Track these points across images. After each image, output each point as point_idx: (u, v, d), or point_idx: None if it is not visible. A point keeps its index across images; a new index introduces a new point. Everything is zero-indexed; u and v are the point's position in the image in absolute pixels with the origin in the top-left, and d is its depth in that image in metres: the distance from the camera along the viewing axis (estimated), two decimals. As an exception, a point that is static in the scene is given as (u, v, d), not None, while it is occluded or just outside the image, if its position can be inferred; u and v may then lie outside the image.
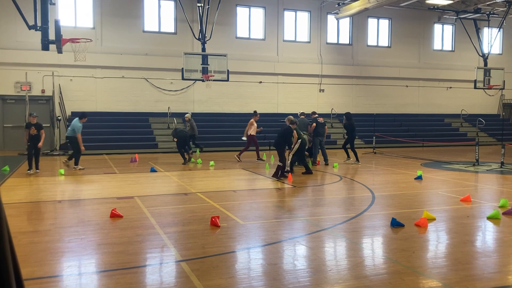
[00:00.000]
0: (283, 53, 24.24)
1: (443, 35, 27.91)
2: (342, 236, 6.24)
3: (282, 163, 11.64)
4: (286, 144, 12.09)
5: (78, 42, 13.67)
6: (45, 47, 12.38)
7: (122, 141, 19.36)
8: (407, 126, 25.39)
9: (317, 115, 15.40)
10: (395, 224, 6.64)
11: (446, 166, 14.64)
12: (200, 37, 19.35)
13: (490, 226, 6.90)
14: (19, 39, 19.57)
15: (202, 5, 19.13)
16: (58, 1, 19.55)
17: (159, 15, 22.28)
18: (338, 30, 25.55)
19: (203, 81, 19.03)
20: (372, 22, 26.15)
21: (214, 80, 18.92)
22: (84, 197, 9.38)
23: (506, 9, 23.40)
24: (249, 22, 23.80)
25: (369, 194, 9.46)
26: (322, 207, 8.46)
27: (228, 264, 5.06)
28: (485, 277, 4.66)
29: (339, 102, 25.29)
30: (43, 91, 20.47)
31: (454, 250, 5.63)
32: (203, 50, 19.08)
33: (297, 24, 24.67)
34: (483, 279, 4.59)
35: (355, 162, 15.31)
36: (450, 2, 23.05)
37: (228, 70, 18.91)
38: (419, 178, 11.70)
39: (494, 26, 25.28)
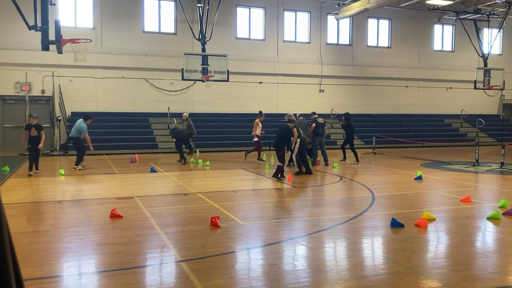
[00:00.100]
0: (283, 53, 24.25)
1: (443, 36, 27.92)
2: (342, 236, 6.24)
3: (282, 164, 11.63)
4: (286, 144, 12.08)
5: (78, 42, 13.69)
6: (45, 48, 12.38)
7: (122, 141, 19.37)
8: (407, 127, 25.39)
9: (316, 115, 15.41)
10: (395, 224, 6.64)
11: (446, 167, 14.64)
12: (200, 37, 19.36)
13: (490, 226, 6.90)
14: (19, 40, 19.58)
15: (202, 5, 19.14)
16: (58, 1, 19.55)
17: (159, 16, 22.29)
18: (338, 30, 25.55)
19: (203, 81, 19.04)
20: (372, 22, 26.16)
21: (214, 80, 18.93)
22: (84, 197, 9.38)
23: (506, 9, 23.42)
24: (249, 22, 23.81)
25: (369, 195, 9.46)
26: (322, 208, 8.46)
27: (228, 264, 5.06)
28: (485, 277, 4.66)
29: (339, 103, 25.30)
30: (43, 92, 20.48)
31: (454, 251, 5.63)
32: (203, 50, 19.09)
33: (297, 24, 24.68)
34: (483, 280, 4.59)
35: (355, 163, 15.30)
36: (450, 2, 23.07)
37: (228, 71, 18.92)
38: (419, 178, 11.70)
39: (494, 27, 25.29)
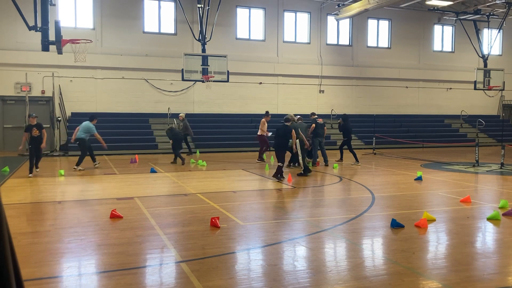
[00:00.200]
0: (283, 54, 24.25)
1: (443, 36, 27.92)
2: (342, 237, 6.24)
3: (282, 164, 11.64)
4: (287, 144, 12.10)
5: (78, 43, 13.68)
6: (45, 48, 12.38)
7: (122, 141, 19.37)
8: (407, 127, 25.39)
9: (316, 116, 15.41)
10: (395, 225, 6.64)
11: (446, 167, 14.64)
12: (200, 38, 19.36)
13: (490, 227, 6.90)
14: (19, 40, 19.59)
15: (202, 6, 19.15)
16: (58, 2, 19.56)
17: (159, 16, 22.29)
18: (338, 31, 25.55)
19: (203, 82, 19.04)
20: (372, 23, 26.16)
21: (214, 81, 18.93)
22: (84, 198, 9.38)
23: (506, 10, 23.42)
24: (249, 23, 23.81)
25: (369, 195, 9.46)
26: (322, 208, 8.46)
27: (228, 265, 5.06)
28: (485, 278, 4.66)
29: (339, 103, 25.30)
30: (43, 92, 20.48)
31: (454, 251, 5.62)
32: (203, 51, 19.09)
33: (297, 25, 24.68)
34: (483, 280, 4.59)
35: (355, 163, 15.30)
36: (450, 3, 23.08)
37: (228, 71, 18.92)
38: (419, 179, 11.70)
39: (494, 27, 25.29)
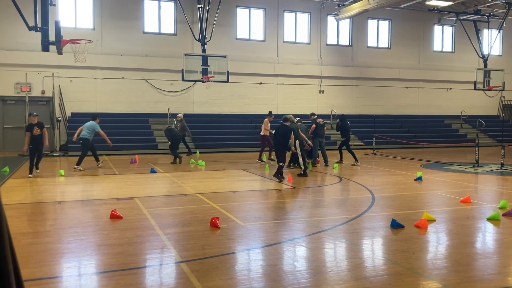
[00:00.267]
0: (283, 54, 24.25)
1: (443, 37, 27.92)
2: (342, 237, 6.24)
3: (283, 164, 11.68)
4: (287, 144, 12.14)
5: (78, 43, 13.69)
6: (45, 48, 12.38)
7: (122, 142, 19.35)
8: (407, 127, 25.38)
9: (316, 116, 15.42)
10: (395, 225, 6.63)
11: (446, 167, 14.64)
12: (200, 38, 19.36)
13: (490, 227, 6.89)
14: (19, 40, 19.59)
15: (202, 6, 19.15)
16: (58, 2, 19.56)
17: (159, 16, 22.29)
18: (338, 31, 25.56)
19: (203, 82, 19.04)
20: (372, 23, 26.16)
21: (214, 81, 18.93)
22: (84, 198, 9.37)
23: (506, 10, 23.41)
24: (249, 23, 23.81)
25: (369, 195, 9.45)
26: (322, 208, 8.46)
27: (228, 265, 5.06)
28: (485, 278, 4.66)
29: (339, 103, 25.30)
30: (43, 92, 20.48)
31: (454, 252, 5.62)
32: (203, 51, 19.09)
33: (297, 25, 24.68)
34: (483, 281, 4.59)
35: (355, 163, 15.30)
36: (450, 3, 23.08)
37: (228, 71, 18.92)
38: (419, 179, 11.70)
39: (494, 28, 25.28)
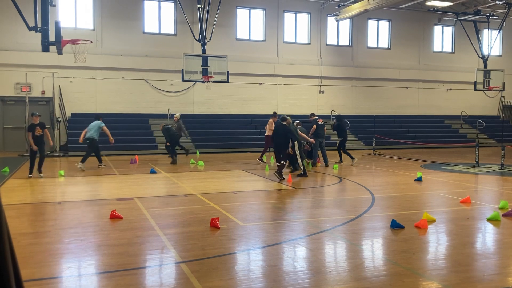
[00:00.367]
0: (283, 54, 24.25)
1: (443, 37, 27.93)
2: (342, 237, 6.24)
3: (284, 162, 11.88)
4: (287, 143, 12.20)
5: (78, 43, 13.69)
6: (45, 49, 12.38)
7: (122, 142, 19.34)
8: (407, 128, 25.38)
9: (316, 117, 15.42)
10: (395, 225, 6.63)
11: (446, 168, 14.64)
12: (200, 38, 19.37)
13: (490, 227, 6.89)
14: (19, 41, 19.59)
15: (202, 6, 19.16)
16: (58, 2, 19.56)
17: (159, 17, 22.30)
18: (338, 31, 25.56)
19: (203, 82, 19.05)
20: (372, 23, 26.17)
21: (214, 81, 18.94)
22: (84, 198, 9.37)
23: (506, 11, 23.42)
24: (249, 23, 23.82)
25: (369, 196, 9.45)
26: (322, 209, 8.46)
27: (228, 265, 5.06)
28: (485, 279, 4.66)
29: (339, 104, 25.30)
30: (43, 92, 20.48)
31: (454, 252, 5.62)
32: (203, 51, 19.10)
33: (297, 25, 24.69)
34: (483, 281, 4.59)
35: (353, 161, 15.24)
36: (450, 4, 23.08)
37: (228, 72, 18.93)
38: (419, 179, 11.70)
39: (494, 28, 25.30)
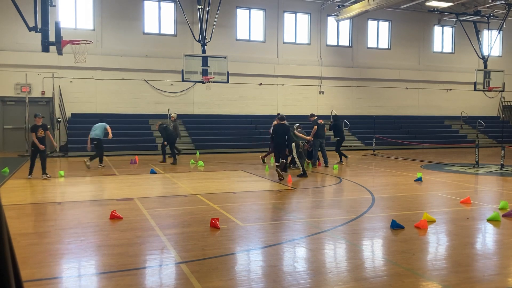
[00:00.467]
0: (283, 55, 24.26)
1: (443, 37, 27.94)
2: (342, 238, 6.24)
3: (285, 160, 12.09)
4: (288, 142, 12.25)
5: (78, 43, 13.70)
6: (45, 49, 12.39)
7: (122, 142, 19.36)
8: (407, 128, 25.39)
9: (316, 117, 15.42)
10: (395, 226, 6.63)
11: (446, 168, 14.64)
12: (200, 39, 19.37)
13: (490, 228, 6.89)
14: (19, 41, 19.59)
15: (202, 7, 19.16)
16: (58, 3, 19.57)
17: (159, 17, 22.30)
18: (338, 32, 25.57)
19: (203, 83, 19.06)
20: (372, 24, 26.17)
21: (214, 82, 18.94)
22: (83, 198, 9.36)
23: (506, 11, 23.43)
24: (249, 24, 23.82)
25: (369, 196, 9.45)
26: (322, 209, 8.46)
27: (228, 266, 5.06)
28: (485, 279, 4.66)
29: (339, 104, 25.30)
30: (43, 93, 20.49)
31: (454, 252, 5.62)
32: (203, 52, 19.10)
33: (297, 26, 24.69)
34: (483, 281, 4.58)
35: (339, 162, 15.44)
36: (450, 4, 23.09)
37: (228, 72, 18.94)
38: (419, 180, 11.70)
39: (494, 29, 25.31)
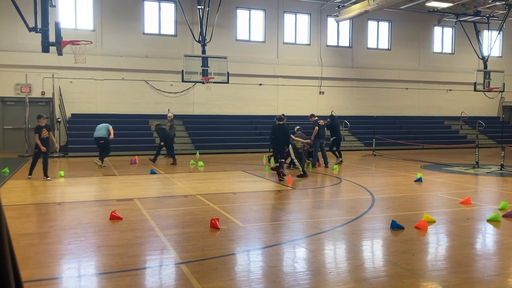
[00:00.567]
0: (283, 55, 24.26)
1: (443, 38, 27.94)
2: (342, 238, 6.24)
3: (283, 160, 12.23)
4: (288, 142, 12.27)
5: (78, 44, 13.71)
6: (45, 49, 12.39)
7: (122, 143, 19.34)
8: (407, 129, 25.38)
9: (316, 118, 15.41)
10: (395, 226, 6.63)
11: (446, 169, 14.64)
12: (200, 39, 19.37)
13: (490, 228, 6.89)
14: (19, 41, 19.59)
15: (202, 7, 19.17)
16: (58, 3, 19.57)
17: (159, 18, 22.30)
18: (338, 32, 25.57)
19: (203, 83, 19.05)
20: (372, 24, 26.17)
21: (214, 82, 18.93)
22: (83, 199, 9.36)
23: (505, 12, 23.43)
24: (249, 24, 23.82)
25: (369, 197, 9.45)
26: (321, 210, 8.46)
27: (228, 266, 5.06)
28: (485, 279, 4.66)
29: (339, 105, 25.30)
30: (43, 93, 20.48)
31: (454, 253, 5.62)
32: (203, 52, 19.09)
33: (297, 26, 24.69)
34: (483, 282, 4.58)
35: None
36: (450, 4, 23.09)
37: (228, 72, 18.93)
38: (419, 180, 11.70)
39: (494, 29, 25.31)
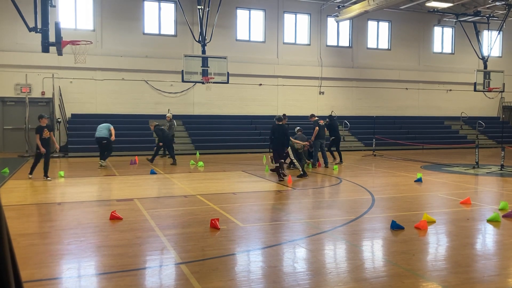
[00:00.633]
0: (283, 55, 24.26)
1: (443, 38, 27.94)
2: (342, 238, 6.24)
3: (283, 160, 12.24)
4: (287, 142, 12.29)
5: (78, 44, 13.71)
6: (45, 49, 12.39)
7: (122, 143, 19.33)
8: (407, 129, 25.38)
9: (317, 118, 15.42)
10: (395, 226, 6.63)
11: (446, 169, 14.64)
12: (200, 39, 19.38)
13: (490, 228, 6.89)
14: (19, 41, 19.59)
15: (202, 7, 19.17)
16: (58, 3, 19.57)
17: (159, 18, 22.31)
18: (338, 32, 25.57)
19: (203, 83, 19.05)
20: (372, 24, 26.18)
21: (214, 82, 18.93)
22: (83, 199, 9.36)
23: (505, 12, 23.44)
24: (249, 24, 23.82)
25: (369, 197, 9.45)
26: (321, 210, 8.46)
27: (228, 266, 5.06)
28: (485, 280, 4.66)
29: (339, 105, 25.30)
30: (43, 93, 20.48)
31: (454, 253, 5.62)
32: (203, 52, 19.09)
33: (297, 26, 24.70)
34: (483, 282, 4.58)
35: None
36: (450, 5, 23.09)
37: (228, 73, 18.93)
38: (419, 180, 11.70)
39: (494, 29, 25.32)
